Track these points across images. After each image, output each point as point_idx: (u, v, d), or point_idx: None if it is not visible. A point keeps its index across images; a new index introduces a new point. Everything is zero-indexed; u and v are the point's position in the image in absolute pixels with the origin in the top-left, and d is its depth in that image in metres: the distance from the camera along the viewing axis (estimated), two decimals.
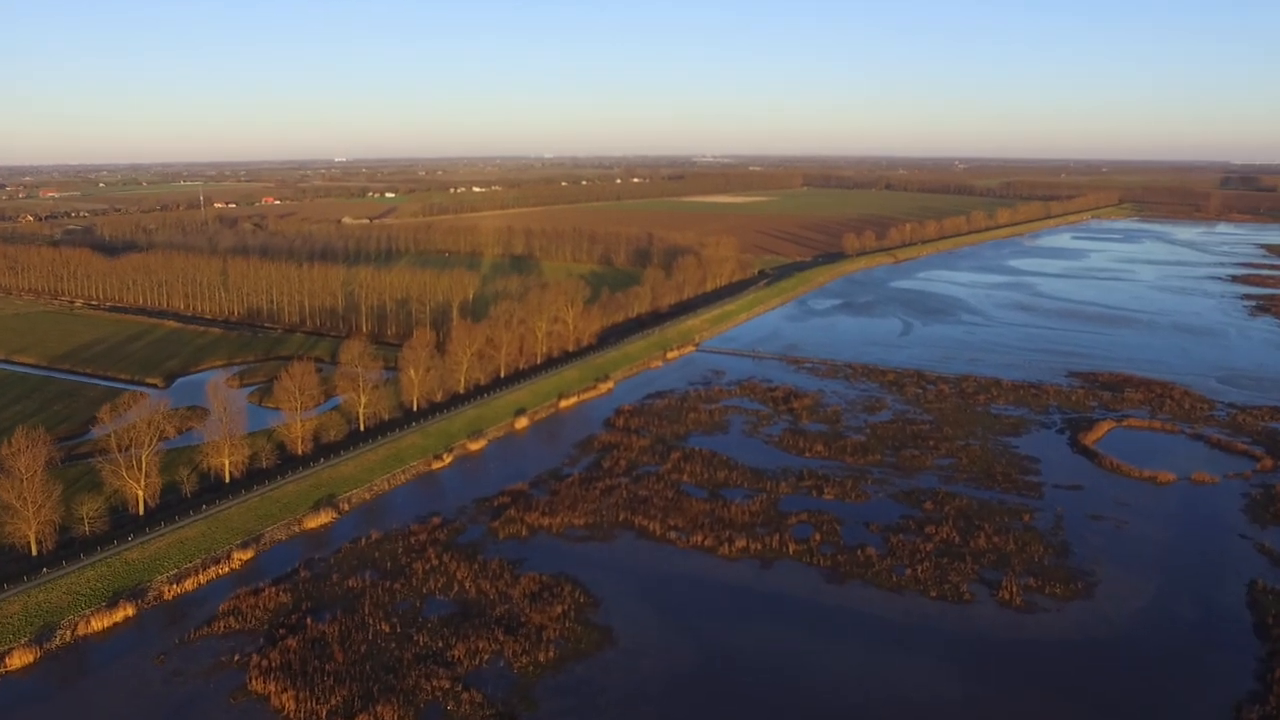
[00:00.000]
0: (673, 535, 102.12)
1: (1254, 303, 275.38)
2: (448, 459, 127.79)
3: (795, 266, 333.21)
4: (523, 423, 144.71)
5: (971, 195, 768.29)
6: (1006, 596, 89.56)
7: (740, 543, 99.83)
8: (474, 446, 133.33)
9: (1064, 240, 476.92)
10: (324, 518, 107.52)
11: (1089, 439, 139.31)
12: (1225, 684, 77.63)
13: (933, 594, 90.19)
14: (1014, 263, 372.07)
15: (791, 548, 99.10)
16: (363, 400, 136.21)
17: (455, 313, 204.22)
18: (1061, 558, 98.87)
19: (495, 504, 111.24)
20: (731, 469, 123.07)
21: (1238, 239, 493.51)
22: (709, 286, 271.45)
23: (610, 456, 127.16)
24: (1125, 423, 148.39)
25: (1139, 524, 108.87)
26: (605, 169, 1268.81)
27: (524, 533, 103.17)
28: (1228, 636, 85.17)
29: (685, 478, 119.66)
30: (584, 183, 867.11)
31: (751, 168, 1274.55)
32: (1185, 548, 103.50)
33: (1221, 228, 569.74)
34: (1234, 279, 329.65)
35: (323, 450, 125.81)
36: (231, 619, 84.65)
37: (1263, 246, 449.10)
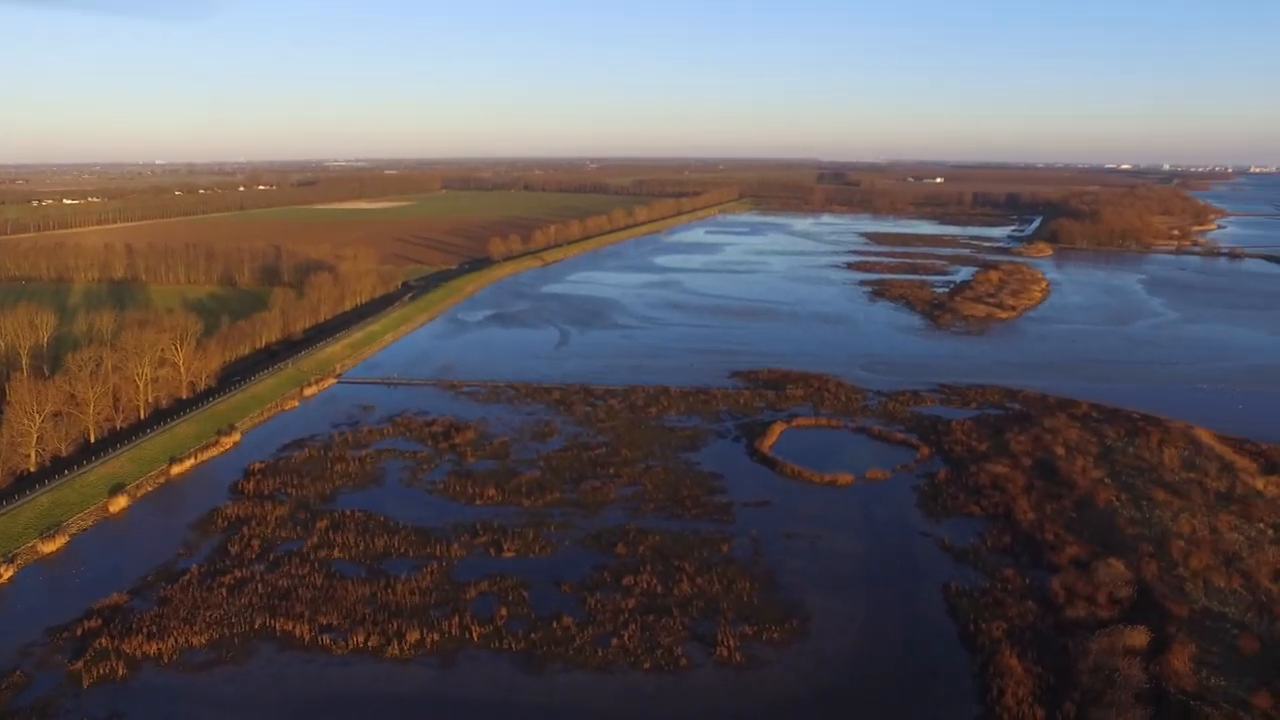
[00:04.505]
0: (327, 639, 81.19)
1: (870, 289, 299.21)
2: (7, 573, 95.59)
3: (441, 276, 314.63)
4: (121, 503, 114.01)
5: (607, 194, 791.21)
6: (725, 654, 79.49)
7: (413, 635, 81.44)
8: (49, 548, 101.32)
9: (699, 235, 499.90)
10: None
11: (765, 445, 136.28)
12: (952, 714, 72.90)
13: (646, 666, 77.87)
14: (658, 260, 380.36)
15: (475, 632, 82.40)
16: None
17: (25, 363, 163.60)
18: (769, 592, 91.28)
19: (79, 633, 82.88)
20: (392, 533, 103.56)
21: (842, 228, 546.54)
22: (348, 305, 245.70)
23: (239, 536, 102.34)
24: (794, 423, 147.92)
25: (832, 537, 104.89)
26: (226, 175, 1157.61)
27: (122, 671, 76.76)
28: (941, 654, 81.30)
29: (337, 553, 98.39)
30: (201, 191, 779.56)
31: (388, 171, 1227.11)
32: (878, 557, 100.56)
33: (826, 218, 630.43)
34: (849, 266, 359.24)
35: None
36: None
37: (863, 235, 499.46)
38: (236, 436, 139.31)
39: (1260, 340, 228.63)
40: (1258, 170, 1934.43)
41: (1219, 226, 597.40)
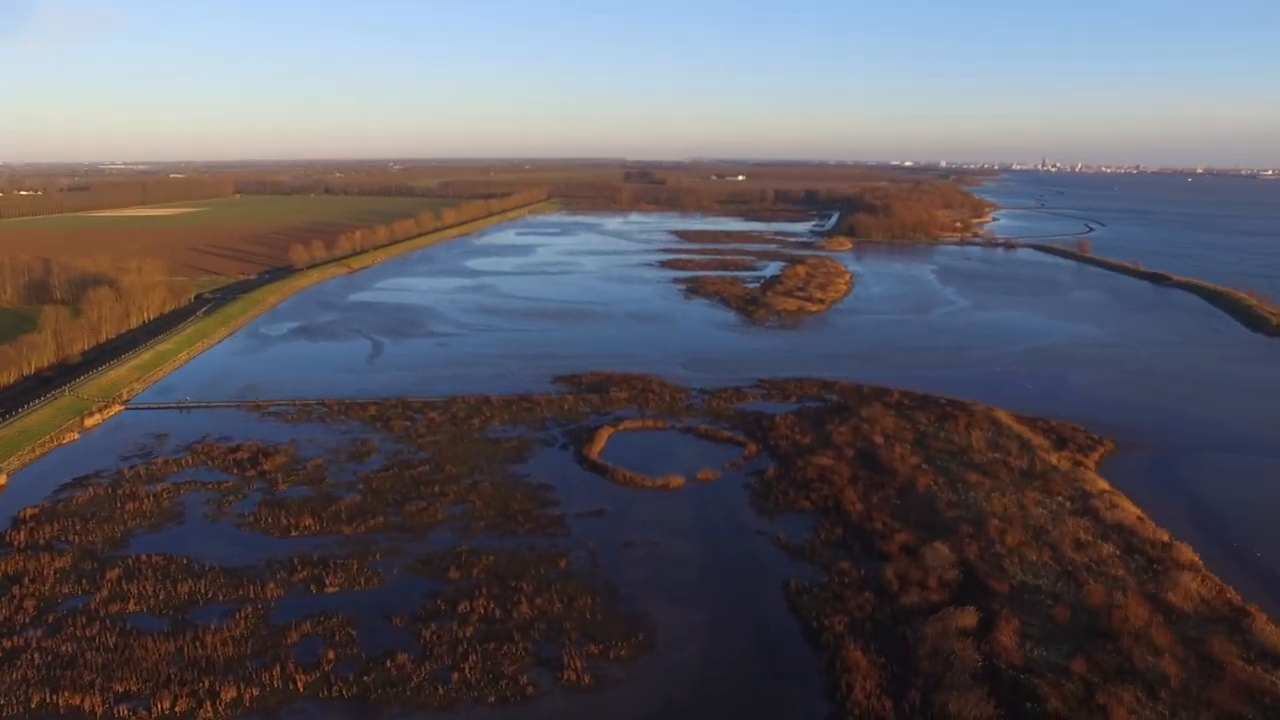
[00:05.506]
0: (125, 710, 71.51)
1: (684, 286, 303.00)
2: None
3: (240, 287, 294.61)
4: None
5: (413, 196, 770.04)
6: (573, 677, 76.10)
7: (229, 693, 73.29)
8: None
9: (510, 237, 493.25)
10: None
11: (594, 451, 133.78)
12: (804, 714, 72.66)
13: (490, 699, 73.36)
14: (470, 263, 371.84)
15: (300, 681, 75.23)
16: None
17: None
18: (612, 606, 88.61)
19: None
20: (198, 577, 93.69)
21: (653, 226, 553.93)
22: (135, 322, 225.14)
23: (9, 597, 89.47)
24: (621, 426, 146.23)
25: (669, 543, 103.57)
26: None
27: None
28: (788, 654, 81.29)
29: (133, 606, 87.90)
30: None
31: (174, 175, 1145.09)
32: (717, 560, 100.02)
33: (635, 217, 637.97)
34: (662, 264, 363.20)
35: None
36: None
37: (672, 232, 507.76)
38: (1, 479, 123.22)
39: (1038, 323, 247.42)
40: (1019, 168, 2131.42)
41: (994, 219, 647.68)
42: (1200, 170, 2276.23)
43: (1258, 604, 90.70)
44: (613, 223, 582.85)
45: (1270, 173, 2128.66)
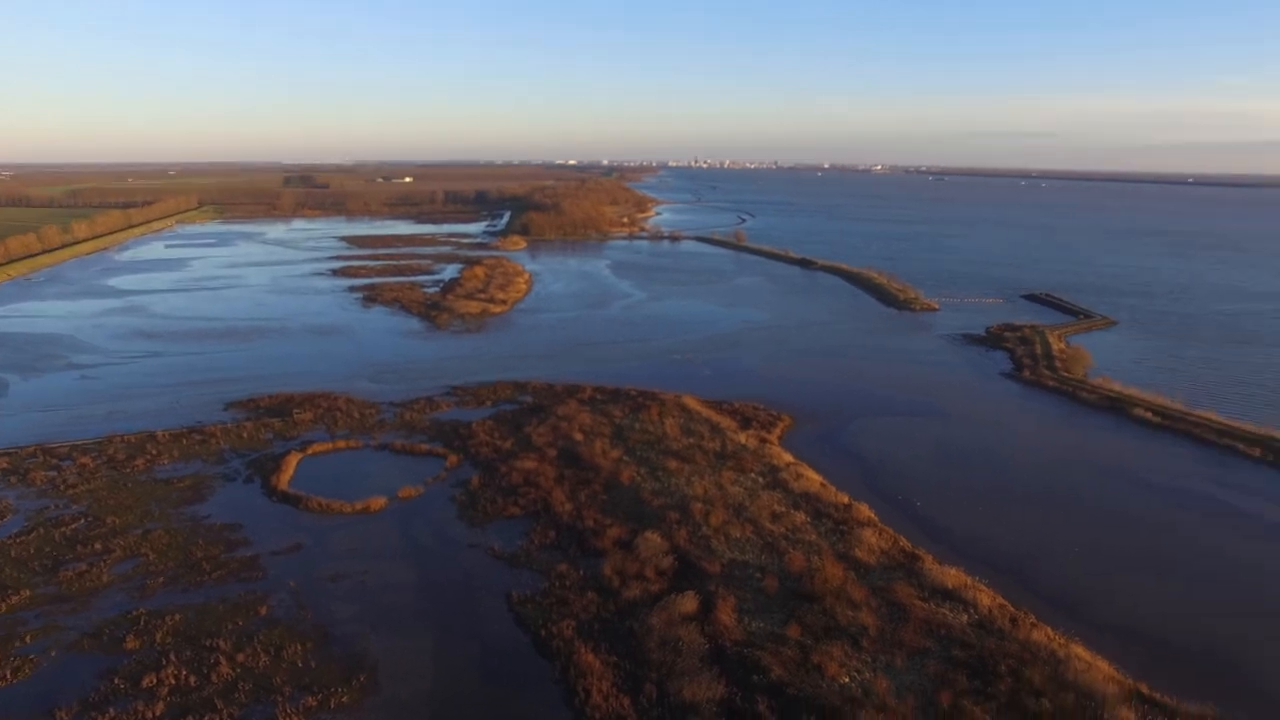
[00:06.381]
0: None
1: (361, 294, 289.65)
2: None
3: None
4: None
5: (32, 207, 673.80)
6: None
7: None
8: None
9: (159, 250, 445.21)
10: None
11: (282, 480, 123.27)
12: None
13: None
14: (113, 282, 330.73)
15: None
16: None
17: None
18: (326, 649, 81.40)
19: None
20: None
21: (319, 233, 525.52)
22: None
23: None
24: (309, 450, 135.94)
25: (379, 570, 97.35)
26: None
27: None
28: (520, 668, 78.97)
29: None
30: None
31: None
32: (433, 581, 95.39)
33: (299, 224, 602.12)
34: (335, 273, 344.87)
35: None
36: None
37: (342, 239, 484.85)
38: None
39: (710, 311, 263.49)
40: (674, 164, 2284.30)
41: (657, 213, 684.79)
42: (827, 166, 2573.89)
43: (923, 548, 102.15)
44: (276, 230, 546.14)
45: (879, 168, 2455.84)
